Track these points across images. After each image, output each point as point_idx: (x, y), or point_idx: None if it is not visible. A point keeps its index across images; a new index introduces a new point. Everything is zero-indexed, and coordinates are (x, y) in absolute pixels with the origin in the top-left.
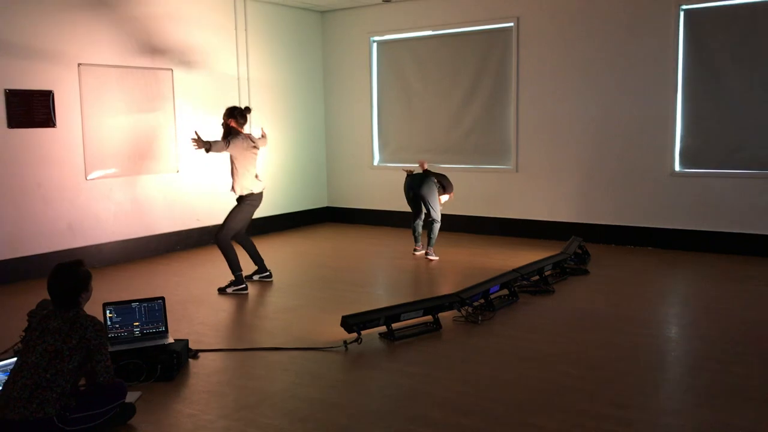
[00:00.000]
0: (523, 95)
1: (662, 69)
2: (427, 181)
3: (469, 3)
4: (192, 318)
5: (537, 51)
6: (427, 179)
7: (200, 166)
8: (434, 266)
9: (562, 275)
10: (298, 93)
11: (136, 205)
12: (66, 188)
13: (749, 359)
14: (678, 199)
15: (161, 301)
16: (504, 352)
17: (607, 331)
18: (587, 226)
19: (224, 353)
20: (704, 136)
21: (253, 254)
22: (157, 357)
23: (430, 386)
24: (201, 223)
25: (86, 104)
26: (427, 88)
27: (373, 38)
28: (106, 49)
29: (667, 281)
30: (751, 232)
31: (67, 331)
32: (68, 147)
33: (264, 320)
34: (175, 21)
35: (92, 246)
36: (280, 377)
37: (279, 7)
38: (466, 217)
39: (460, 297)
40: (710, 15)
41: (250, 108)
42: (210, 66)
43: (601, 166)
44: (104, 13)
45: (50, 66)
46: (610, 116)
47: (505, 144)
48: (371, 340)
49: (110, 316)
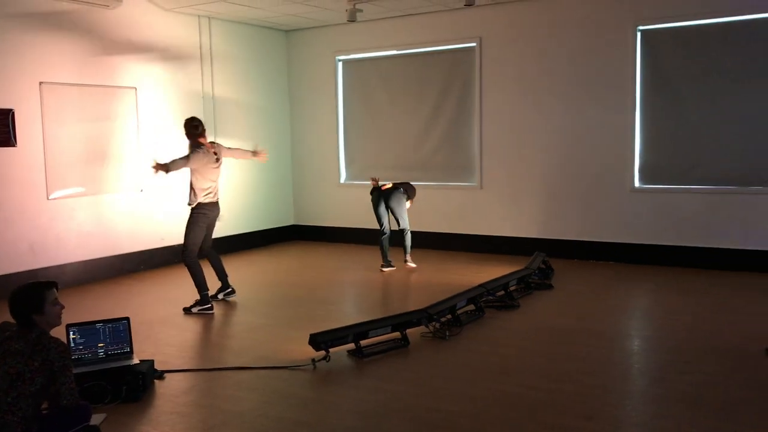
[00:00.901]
0: (487, 113)
1: (621, 87)
2: (396, 193)
3: (433, 23)
4: (158, 338)
5: (499, 70)
6: (396, 191)
7: (164, 186)
8: (401, 282)
9: (527, 290)
10: (264, 111)
11: (100, 224)
12: (27, 208)
13: (707, 368)
14: (638, 214)
15: (126, 321)
16: (472, 367)
17: (572, 344)
18: (550, 242)
19: (191, 373)
20: (663, 152)
21: (218, 270)
22: (122, 378)
23: (399, 403)
24: (165, 242)
25: (48, 123)
26: (392, 107)
27: (338, 57)
28: (68, 68)
29: (628, 295)
30: (709, 246)
31: (29, 353)
32: (29, 166)
33: (231, 339)
34: (138, 39)
35: (54, 266)
36: (247, 397)
37: (243, 26)
38: (432, 234)
39: (427, 313)
40: (666, 35)
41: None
42: (174, 84)
43: (563, 183)
44: (66, 32)
45: (11, 84)
46: (571, 134)
47: (469, 161)
48: (340, 358)
49: (74, 338)
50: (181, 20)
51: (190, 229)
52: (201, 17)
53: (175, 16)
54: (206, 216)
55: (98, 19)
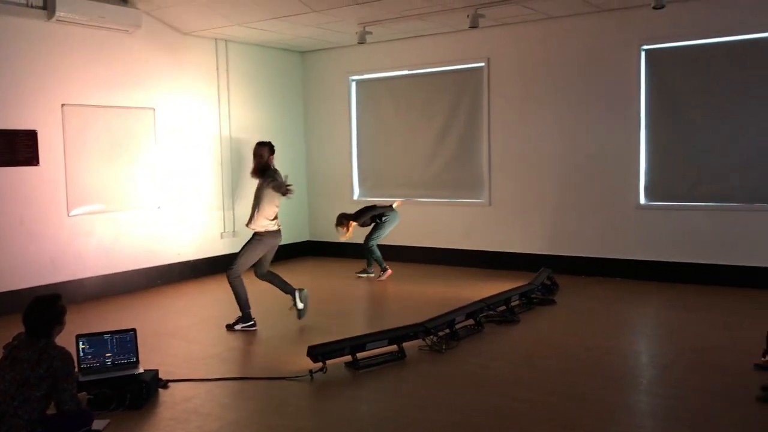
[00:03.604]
0: (495, 131)
1: (626, 106)
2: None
3: (443, 44)
4: (165, 350)
5: (507, 89)
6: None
7: (180, 203)
8: (406, 297)
9: (529, 305)
10: (280, 130)
11: (118, 240)
12: (49, 224)
13: (694, 384)
14: (643, 231)
15: (133, 332)
16: (464, 379)
17: (566, 358)
18: (558, 258)
19: (193, 383)
20: (667, 170)
21: (281, 285)
22: (127, 386)
23: (391, 413)
24: (181, 257)
25: (69, 143)
26: (403, 125)
27: (351, 77)
28: (89, 90)
29: (630, 311)
30: (714, 262)
31: (36, 360)
32: (51, 184)
33: (235, 352)
34: (157, 61)
35: (74, 281)
36: (245, 405)
37: (260, 48)
38: (441, 250)
39: (425, 326)
40: (670, 54)
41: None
42: (191, 105)
43: (570, 200)
44: (88, 55)
45: (35, 106)
46: (578, 151)
47: (478, 178)
48: (337, 370)
49: (83, 348)
50: (199, 43)
51: (245, 252)
52: (218, 40)
53: (193, 39)
54: (265, 245)
55: (118, 42)
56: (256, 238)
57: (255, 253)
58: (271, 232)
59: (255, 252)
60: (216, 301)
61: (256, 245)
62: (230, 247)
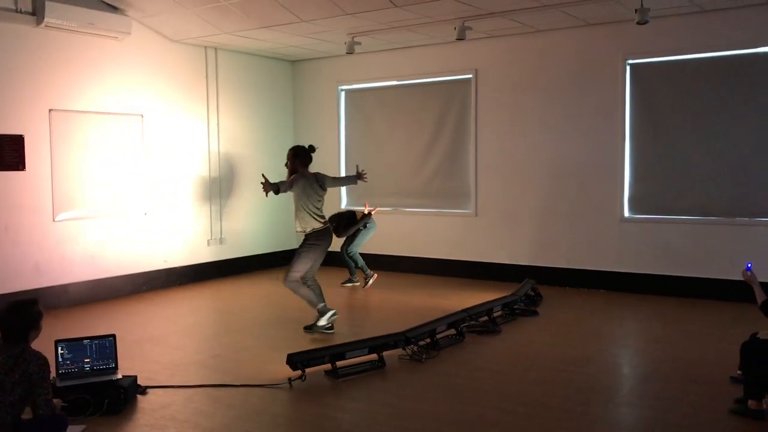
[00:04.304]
0: (482, 143)
1: (611, 119)
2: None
3: (431, 55)
4: (147, 356)
5: (494, 101)
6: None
7: (167, 210)
8: (392, 307)
9: (512, 316)
10: (268, 138)
11: (104, 246)
12: (34, 230)
13: (671, 395)
14: (627, 243)
15: (112, 338)
16: (441, 389)
17: (544, 369)
18: (543, 269)
19: (172, 390)
20: (651, 183)
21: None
22: (105, 392)
23: (367, 421)
24: (168, 264)
25: (56, 148)
26: (392, 135)
27: (341, 87)
28: (77, 96)
29: (612, 323)
30: (696, 275)
31: (11, 365)
32: (37, 190)
33: (217, 359)
34: (145, 68)
35: (59, 286)
36: (222, 412)
37: (250, 56)
38: (428, 260)
39: (405, 336)
40: (655, 69)
41: (314, 147)
42: (180, 112)
43: (555, 211)
44: (76, 61)
45: (22, 111)
46: (563, 164)
47: (465, 189)
48: (317, 378)
49: (62, 353)
50: (188, 51)
51: (299, 257)
52: (207, 48)
53: (182, 46)
54: (318, 247)
55: (107, 49)
56: (306, 242)
57: (307, 257)
58: (318, 231)
59: (307, 256)
60: (200, 308)
61: (305, 249)
62: (217, 255)
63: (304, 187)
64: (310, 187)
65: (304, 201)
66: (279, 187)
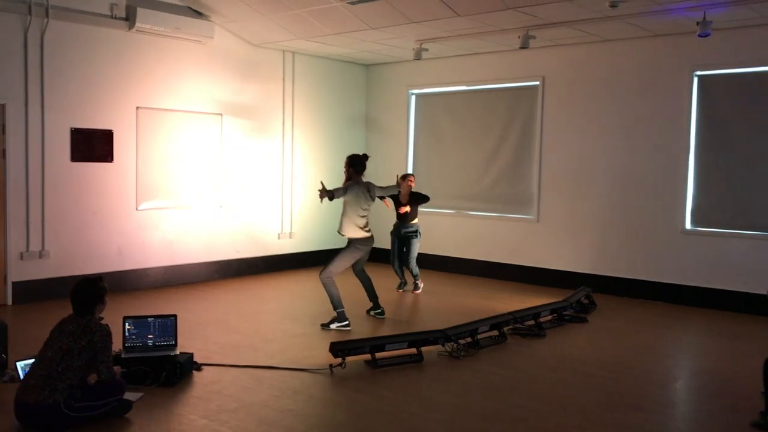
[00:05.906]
0: (546, 149)
1: (676, 130)
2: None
3: (499, 62)
4: (208, 337)
5: (560, 108)
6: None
7: (241, 203)
8: (441, 306)
9: (560, 322)
10: (340, 139)
11: (181, 235)
12: (118, 216)
13: (700, 406)
14: (688, 256)
15: (173, 318)
16: (473, 384)
17: (578, 373)
18: (602, 278)
19: (224, 368)
20: (715, 196)
21: (369, 291)
22: (163, 365)
23: (394, 407)
24: (240, 254)
25: (141, 143)
26: (458, 139)
27: (411, 91)
28: (162, 94)
29: (661, 334)
30: (757, 292)
31: (79, 333)
32: (123, 180)
33: (269, 343)
34: (226, 70)
35: (139, 269)
36: (264, 390)
37: (326, 60)
38: (486, 263)
39: (445, 333)
40: (722, 81)
41: (367, 155)
42: (257, 112)
43: (617, 221)
44: (162, 62)
45: (112, 108)
46: (626, 173)
47: (528, 195)
48: (357, 366)
49: (129, 328)
50: (267, 54)
51: (339, 257)
52: (285, 52)
53: (261, 50)
54: (359, 251)
55: (191, 52)
56: (350, 246)
57: (347, 258)
58: (361, 239)
59: (347, 258)
60: (264, 297)
61: (348, 252)
62: (287, 248)
63: (356, 194)
64: (361, 195)
65: (353, 206)
66: (334, 194)
